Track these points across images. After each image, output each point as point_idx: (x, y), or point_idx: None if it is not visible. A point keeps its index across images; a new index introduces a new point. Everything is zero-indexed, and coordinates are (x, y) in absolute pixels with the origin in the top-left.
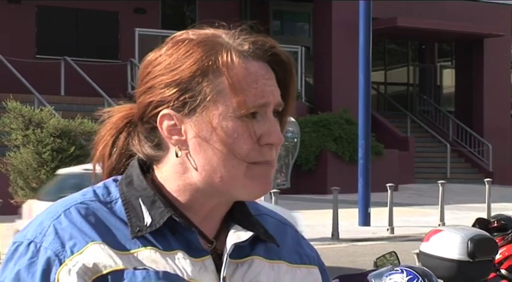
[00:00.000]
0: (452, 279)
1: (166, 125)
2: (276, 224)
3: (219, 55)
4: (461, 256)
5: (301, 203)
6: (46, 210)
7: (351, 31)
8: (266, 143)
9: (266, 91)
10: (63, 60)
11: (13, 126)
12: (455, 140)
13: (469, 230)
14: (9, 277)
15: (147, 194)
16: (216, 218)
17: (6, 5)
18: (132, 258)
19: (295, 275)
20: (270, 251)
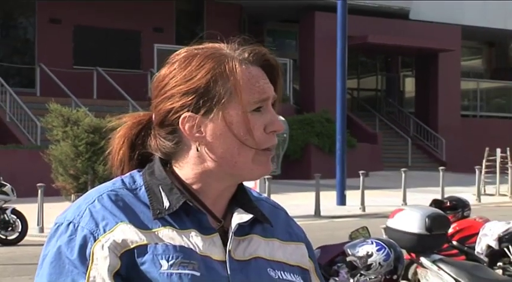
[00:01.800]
0: (413, 249)
1: (188, 126)
2: (270, 208)
3: (226, 64)
4: (421, 230)
5: (289, 186)
6: (83, 197)
7: (329, 46)
8: (271, 130)
9: (265, 88)
10: (95, 70)
11: (54, 124)
12: (415, 135)
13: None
14: (52, 251)
15: (166, 182)
16: (224, 201)
17: (49, 24)
18: (153, 236)
19: (286, 250)
20: (266, 230)
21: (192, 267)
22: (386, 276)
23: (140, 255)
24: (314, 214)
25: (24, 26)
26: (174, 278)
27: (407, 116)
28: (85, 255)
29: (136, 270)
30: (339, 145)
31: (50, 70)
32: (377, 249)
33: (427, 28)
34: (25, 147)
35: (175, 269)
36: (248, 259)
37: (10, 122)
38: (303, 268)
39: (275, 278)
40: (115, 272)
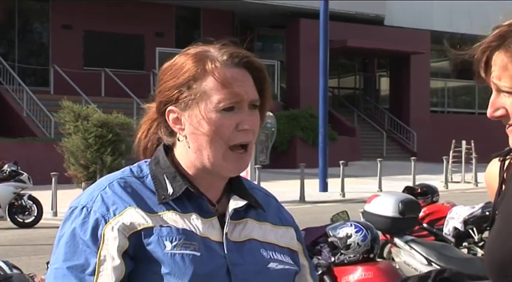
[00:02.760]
0: (388, 231)
1: (171, 118)
2: (263, 195)
3: (205, 64)
4: (394, 214)
5: (277, 175)
6: (95, 184)
7: (313, 50)
8: (241, 129)
9: (240, 91)
10: (103, 71)
11: (67, 119)
12: (389, 129)
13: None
14: (67, 232)
15: (170, 171)
16: (217, 189)
17: (61, 30)
18: (158, 219)
19: (277, 233)
20: (259, 215)
21: (193, 248)
22: (364, 255)
23: (146, 236)
24: (299, 199)
25: (39, 31)
26: (177, 257)
27: (382, 111)
28: (97, 236)
29: (142, 250)
30: (321, 138)
31: (63, 71)
32: (355, 231)
33: (400, 33)
34: (40, 139)
35: (178, 249)
36: (243, 240)
37: (27, 117)
38: (292, 250)
39: (267, 257)
40: (123, 252)
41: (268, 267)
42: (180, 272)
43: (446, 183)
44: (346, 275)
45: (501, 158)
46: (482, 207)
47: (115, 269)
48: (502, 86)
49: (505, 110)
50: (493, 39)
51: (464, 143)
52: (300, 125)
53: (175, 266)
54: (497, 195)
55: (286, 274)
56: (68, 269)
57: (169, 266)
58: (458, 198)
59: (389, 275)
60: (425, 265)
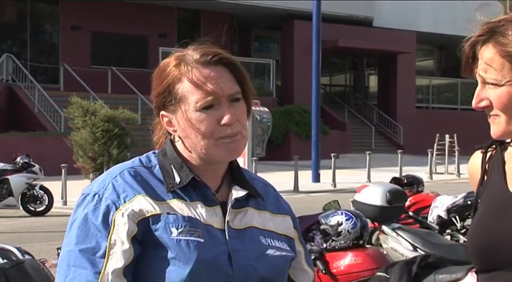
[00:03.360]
0: (376, 219)
1: (165, 121)
2: (262, 186)
3: (180, 68)
4: (382, 203)
5: (272, 166)
6: (106, 172)
7: (306, 49)
8: (223, 124)
9: (215, 88)
10: (109, 69)
11: (75, 114)
12: (377, 123)
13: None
14: (80, 217)
15: (177, 161)
16: (216, 178)
17: (70, 31)
18: (166, 207)
19: (275, 221)
20: (259, 204)
21: (197, 234)
22: (354, 242)
23: (154, 223)
24: (293, 189)
25: (49, 32)
26: (182, 243)
27: (371, 107)
28: (108, 221)
29: (150, 236)
30: (314, 132)
31: (72, 69)
32: (346, 219)
33: (388, 34)
34: (51, 133)
35: (183, 235)
36: (244, 228)
37: (38, 113)
38: (289, 237)
39: (266, 244)
40: (132, 237)
41: (266, 254)
42: (185, 256)
43: (430, 174)
44: (337, 260)
45: (483, 151)
46: (464, 197)
47: (124, 253)
48: (488, 78)
49: (489, 101)
50: (482, 34)
51: (448, 137)
52: (294, 120)
53: (181, 251)
54: (479, 185)
55: (283, 260)
56: (80, 251)
57: (175, 251)
58: (442, 188)
59: (377, 260)
60: (411, 251)
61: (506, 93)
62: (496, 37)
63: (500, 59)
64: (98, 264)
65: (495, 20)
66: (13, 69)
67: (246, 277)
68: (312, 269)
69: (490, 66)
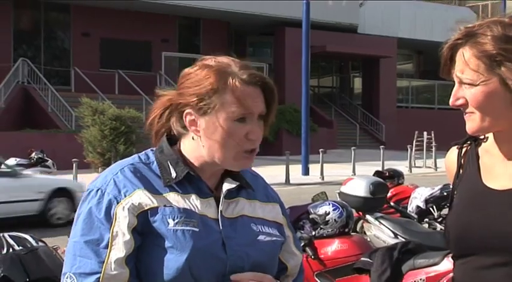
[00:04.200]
0: (361, 209)
1: (188, 119)
2: (251, 176)
3: (227, 80)
4: (366, 194)
5: (266, 161)
6: (108, 169)
7: (297, 54)
8: (249, 138)
9: (252, 105)
10: (116, 72)
11: (85, 114)
12: (362, 121)
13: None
14: (85, 211)
15: (173, 158)
16: (217, 177)
17: (81, 37)
18: (163, 200)
19: (265, 209)
20: (249, 194)
21: (192, 224)
22: (340, 230)
23: (152, 215)
24: (285, 182)
25: (62, 39)
26: (179, 233)
27: (355, 107)
28: (110, 214)
29: (149, 227)
30: (304, 129)
31: (82, 72)
32: (333, 209)
33: (371, 40)
34: (63, 131)
35: (179, 226)
36: (236, 217)
37: (51, 112)
38: (278, 223)
39: (256, 231)
40: (133, 228)
41: (258, 239)
42: (181, 245)
43: (410, 168)
44: (325, 247)
45: (459, 146)
46: (441, 189)
47: (125, 243)
48: (464, 78)
49: (464, 99)
50: (459, 37)
51: (426, 134)
52: (286, 118)
53: (177, 240)
54: (455, 178)
55: (273, 245)
56: (85, 242)
57: (171, 240)
58: (421, 181)
59: (361, 247)
60: (392, 238)
61: (481, 92)
62: (472, 40)
63: (476, 60)
64: (101, 254)
65: (472, 25)
66: (28, 72)
67: (239, 262)
68: (300, 252)
69: (467, 67)
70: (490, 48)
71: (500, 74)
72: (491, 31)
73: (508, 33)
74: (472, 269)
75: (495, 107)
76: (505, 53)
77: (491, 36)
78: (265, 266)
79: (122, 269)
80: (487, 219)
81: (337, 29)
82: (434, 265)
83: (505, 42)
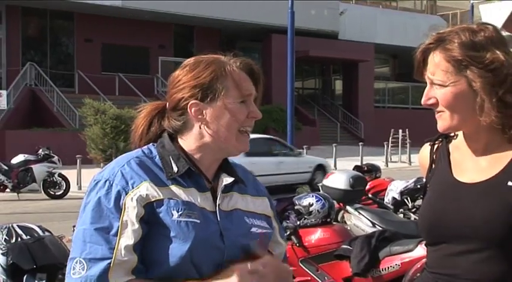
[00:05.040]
0: (341, 200)
1: (194, 110)
2: (243, 172)
3: (226, 67)
4: (346, 187)
5: None
6: (114, 161)
7: (282, 58)
8: (252, 116)
9: (250, 88)
10: (117, 75)
11: (88, 113)
12: (342, 120)
13: (350, 171)
14: (93, 200)
15: (175, 153)
16: (214, 168)
17: (84, 43)
18: (167, 192)
19: (256, 202)
20: (241, 188)
21: (194, 216)
22: (323, 219)
23: (158, 206)
24: None
25: (66, 44)
26: (182, 224)
27: (336, 107)
28: (119, 205)
29: (155, 217)
30: (289, 127)
31: (85, 75)
32: (316, 201)
33: (350, 45)
34: (67, 129)
35: (182, 217)
36: (230, 210)
37: (57, 112)
38: (267, 215)
39: (249, 223)
40: (140, 218)
41: (251, 231)
42: (184, 235)
43: (386, 163)
44: (309, 235)
45: (431, 143)
46: (415, 182)
47: (134, 232)
48: (435, 79)
49: (436, 99)
50: (431, 42)
51: (401, 132)
52: (272, 117)
53: (181, 231)
54: (428, 172)
55: (264, 236)
56: (95, 230)
57: (175, 230)
58: (396, 174)
59: (342, 235)
60: (370, 227)
61: (450, 92)
62: (443, 45)
63: (445, 63)
64: (111, 241)
65: (443, 31)
66: (35, 75)
67: (236, 251)
68: (284, 241)
69: (437, 70)
70: (457, 54)
71: (467, 76)
72: (459, 38)
73: (474, 39)
74: (444, 256)
75: (463, 106)
76: (470, 59)
77: (459, 42)
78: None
79: (131, 255)
80: (457, 209)
81: (319, 36)
82: (408, 252)
83: (471, 49)
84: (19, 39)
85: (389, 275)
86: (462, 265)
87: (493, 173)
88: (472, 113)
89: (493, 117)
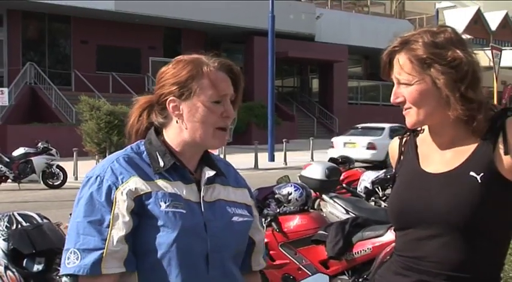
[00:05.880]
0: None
1: (171, 106)
2: (224, 165)
3: (202, 68)
4: (322, 177)
5: (237, 149)
6: (105, 159)
7: (263, 59)
8: (225, 116)
9: (225, 88)
10: (110, 74)
11: (84, 109)
12: (319, 116)
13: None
14: (86, 195)
15: (161, 149)
16: (194, 161)
17: (80, 44)
18: (154, 185)
19: (237, 193)
20: (223, 180)
21: (180, 207)
22: (301, 207)
23: (147, 199)
24: (253, 167)
25: (64, 45)
26: (170, 214)
27: (313, 103)
28: (110, 199)
29: (144, 209)
30: (270, 122)
31: (81, 74)
32: (294, 190)
33: (326, 47)
34: (65, 124)
35: (170, 208)
36: (213, 201)
37: (55, 108)
38: (247, 205)
39: (231, 213)
40: (131, 210)
41: (232, 220)
42: (171, 224)
43: None
44: (288, 222)
45: (400, 137)
46: (385, 172)
47: (125, 223)
48: (401, 79)
49: (403, 97)
50: (396, 45)
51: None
52: (254, 113)
53: (168, 220)
54: (397, 163)
55: (246, 225)
56: (88, 222)
57: (163, 220)
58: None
59: (319, 221)
60: (344, 214)
61: (415, 90)
62: (407, 46)
63: (409, 63)
64: (104, 232)
65: (406, 34)
66: (35, 74)
67: (218, 240)
68: (263, 228)
69: (402, 70)
70: (421, 53)
71: (431, 75)
72: (422, 39)
73: (435, 40)
74: (411, 240)
75: (428, 102)
76: (434, 57)
77: (422, 42)
78: (239, 243)
79: (122, 245)
80: (423, 198)
81: (297, 38)
82: (379, 236)
83: (434, 48)
84: (19, 41)
85: (361, 258)
86: (426, 249)
87: (457, 164)
88: (437, 108)
89: (459, 110)
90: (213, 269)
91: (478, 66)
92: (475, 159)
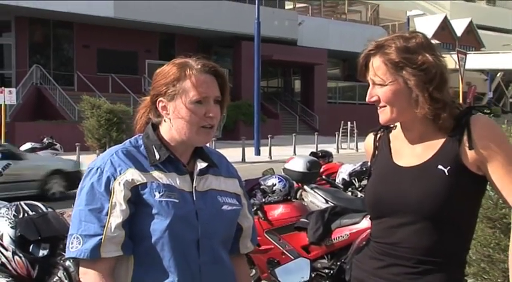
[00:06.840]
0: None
1: (160, 106)
2: (217, 156)
3: (185, 70)
4: (304, 170)
5: (226, 144)
6: (106, 152)
7: (250, 61)
8: (207, 115)
9: (208, 90)
10: (110, 76)
11: (86, 108)
12: (301, 114)
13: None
14: (87, 185)
15: (157, 143)
16: (187, 155)
17: (82, 48)
18: (150, 177)
19: (227, 183)
20: (215, 171)
21: (173, 196)
22: (284, 197)
23: (142, 189)
24: (241, 160)
25: (67, 49)
26: (163, 203)
27: (296, 102)
28: (109, 188)
29: (140, 199)
30: (256, 120)
31: (83, 75)
32: (278, 181)
33: (307, 51)
34: (68, 121)
35: (163, 197)
36: (205, 190)
37: (59, 107)
38: (237, 194)
39: (221, 202)
40: (128, 199)
41: (222, 209)
42: (165, 213)
43: (337, 149)
44: (272, 211)
45: (375, 133)
46: (361, 165)
47: (122, 211)
48: (376, 80)
49: (377, 97)
50: (372, 49)
51: (349, 123)
52: (242, 111)
53: (162, 209)
54: (372, 157)
55: (234, 213)
56: (89, 210)
57: (157, 208)
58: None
59: (300, 210)
60: (324, 203)
61: (389, 90)
62: (382, 50)
63: (384, 66)
64: (102, 219)
65: (381, 39)
66: (40, 75)
67: (208, 228)
68: (252, 216)
69: (378, 72)
70: (394, 57)
71: (403, 76)
72: (395, 43)
73: (407, 45)
74: (385, 228)
75: (401, 101)
76: (405, 61)
77: (395, 47)
78: (227, 229)
79: (119, 231)
80: (395, 189)
81: (281, 42)
82: (356, 224)
83: (405, 52)
84: (26, 45)
85: (339, 243)
86: (399, 236)
87: (426, 158)
88: (409, 106)
89: (426, 109)
90: (204, 254)
91: (445, 69)
92: (443, 153)
